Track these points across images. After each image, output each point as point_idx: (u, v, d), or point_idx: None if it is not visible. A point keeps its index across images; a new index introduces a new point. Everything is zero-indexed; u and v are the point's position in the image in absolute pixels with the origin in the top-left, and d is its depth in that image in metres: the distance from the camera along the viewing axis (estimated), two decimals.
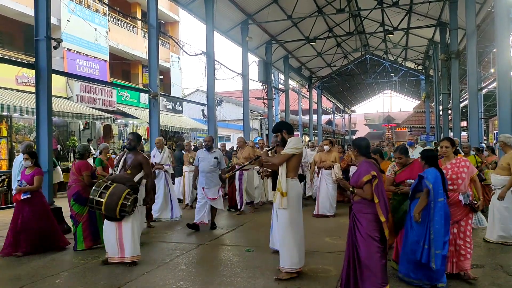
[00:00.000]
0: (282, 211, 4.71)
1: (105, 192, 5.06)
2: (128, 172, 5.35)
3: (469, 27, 11.59)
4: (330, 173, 8.79)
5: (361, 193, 4.02)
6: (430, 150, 4.61)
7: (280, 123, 5.11)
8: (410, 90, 38.98)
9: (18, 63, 10.77)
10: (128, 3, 20.77)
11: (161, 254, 5.92)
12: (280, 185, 4.65)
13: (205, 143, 7.57)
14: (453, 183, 4.54)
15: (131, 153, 5.47)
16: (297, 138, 4.85)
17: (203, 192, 7.34)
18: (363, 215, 4.02)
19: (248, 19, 15.94)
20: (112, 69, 18.78)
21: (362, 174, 4.00)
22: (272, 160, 4.80)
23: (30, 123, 13.70)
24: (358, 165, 4.17)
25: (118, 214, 5.03)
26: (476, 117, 11.71)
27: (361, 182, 3.99)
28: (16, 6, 13.76)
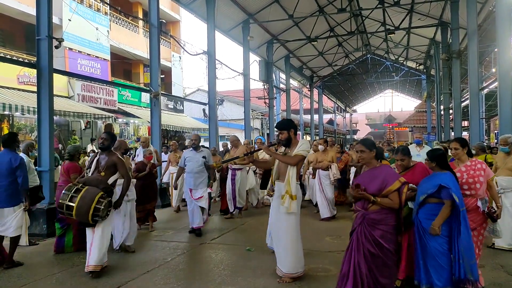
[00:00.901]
0: (289, 215, 4.52)
1: (76, 195, 4.65)
2: (102, 174, 4.97)
3: (470, 26, 11.58)
4: (327, 174, 8.38)
5: (386, 203, 3.57)
6: (439, 149, 4.18)
7: (289, 121, 4.87)
8: (411, 89, 38.95)
9: (20, 63, 10.82)
10: (130, 3, 20.79)
11: (162, 253, 5.94)
12: (289, 188, 4.45)
13: (192, 142, 7.24)
14: (470, 187, 4.10)
15: (105, 154, 5.08)
16: (307, 141, 4.81)
17: (190, 193, 7.04)
18: (382, 227, 3.59)
19: (249, 18, 15.94)
20: (113, 69, 18.80)
21: (388, 181, 3.57)
22: (287, 159, 4.55)
23: (31, 122, 13.72)
24: (376, 170, 3.71)
25: (91, 219, 4.65)
26: (477, 117, 11.71)
27: (388, 191, 3.56)
28: (18, 5, 13.79)
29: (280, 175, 4.68)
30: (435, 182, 3.83)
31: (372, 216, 3.62)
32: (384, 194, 3.57)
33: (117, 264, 5.38)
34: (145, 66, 21.09)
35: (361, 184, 3.67)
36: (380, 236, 3.58)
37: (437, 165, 3.96)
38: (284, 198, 4.44)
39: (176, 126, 19.37)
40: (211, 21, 13.43)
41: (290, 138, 4.66)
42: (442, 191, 3.78)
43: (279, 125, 4.77)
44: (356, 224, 3.74)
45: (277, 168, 4.76)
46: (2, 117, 12.54)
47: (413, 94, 41.34)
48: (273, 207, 4.82)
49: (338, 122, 45.75)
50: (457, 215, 3.73)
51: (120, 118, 17.48)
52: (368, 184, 3.66)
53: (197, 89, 29.87)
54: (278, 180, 4.70)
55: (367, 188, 3.64)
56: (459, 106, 14.06)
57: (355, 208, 3.83)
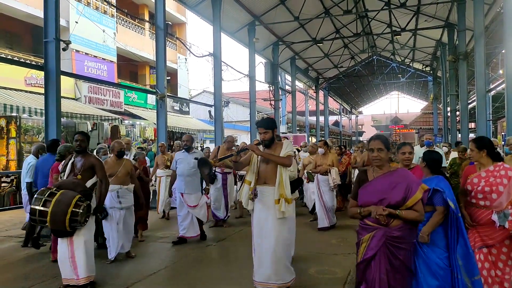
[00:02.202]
0: (284, 220, 4.15)
1: (50, 200, 4.10)
2: (78, 177, 4.52)
3: (477, 28, 11.52)
4: (326, 180, 7.65)
5: (412, 217, 2.88)
6: (436, 152, 3.75)
7: (273, 120, 4.43)
8: (417, 91, 38.78)
9: (27, 65, 10.91)
10: (136, 5, 20.90)
11: (169, 254, 5.94)
12: (284, 191, 4.09)
13: (184, 143, 6.67)
14: (484, 197, 3.56)
15: (80, 156, 4.65)
16: (290, 142, 4.47)
17: (182, 199, 6.49)
18: (406, 246, 2.94)
19: (255, 20, 15.97)
20: (119, 70, 18.89)
21: (412, 188, 2.89)
22: (283, 160, 4.11)
23: (38, 124, 13.82)
24: (393, 175, 3.00)
25: (69, 226, 4.10)
26: (484, 119, 11.66)
27: (412, 200, 2.86)
28: (25, 8, 13.90)
29: (267, 179, 4.20)
30: (429, 186, 3.30)
31: (396, 233, 2.90)
32: (408, 205, 2.89)
33: (124, 264, 5.39)
34: (151, 67, 21.18)
35: (380, 194, 2.95)
36: (404, 257, 2.94)
37: (427, 167, 3.57)
38: (279, 203, 4.07)
39: (182, 128, 19.41)
40: (217, 23, 13.47)
41: (273, 139, 4.27)
42: (435, 195, 3.32)
43: (265, 123, 4.24)
44: (374, 246, 2.94)
45: (263, 171, 4.23)
46: (10, 118, 12.65)
47: (419, 95, 41.16)
48: (260, 217, 4.17)
49: (344, 124, 45.69)
50: (454, 223, 3.28)
51: (126, 120, 17.56)
52: (388, 194, 2.93)
53: (203, 90, 29.94)
54: (266, 185, 4.18)
55: (388, 198, 2.92)
56: (466, 108, 13.98)
57: (366, 225, 3.01)
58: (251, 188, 4.22)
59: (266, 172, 4.22)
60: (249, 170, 4.33)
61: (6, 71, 12.37)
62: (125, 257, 5.74)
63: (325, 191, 7.62)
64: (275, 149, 4.22)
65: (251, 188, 4.22)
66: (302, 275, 4.90)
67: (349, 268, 5.10)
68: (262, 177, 4.23)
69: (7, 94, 12.07)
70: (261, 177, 4.24)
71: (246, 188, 4.28)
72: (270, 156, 4.13)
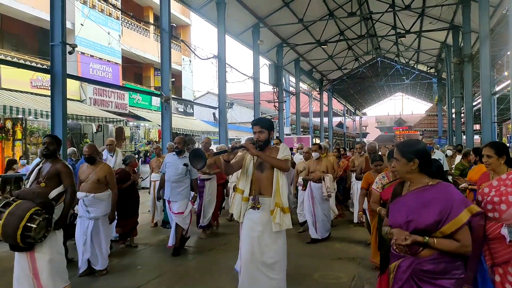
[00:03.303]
0: (280, 233, 3.71)
1: (3, 211, 3.67)
2: (41, 185, 4.04)
3: (482, 30, 11.48)
4: (320, 187, 6.93)
5: (452, 248, 2.25)
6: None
7: (270, 121, 3.99)
8: (422, 92, 38.69)
9: (34, 68, 10.99)
10: (141, 7, 20.99)
11: (170, 259, 5.95)
12: (280, 200, 3.65)
13: (175, 146, 6.20)
14: (493, 208, 3.08)
15: (49, 161, 4.19)
16: (286, 146, 3.96)
17: (168, 206, 6.13)
18: (444, 282, 2.27)
19: (259, 22, 16.00)
20: (124, 72, 18.98)
21: (452, 209, 2.25)
22: (281, 164, 3.66)
23: (44, 126, 13.91)
24: (428, 192, 2.37)
25: (21, 241, 3.62)
26: (490, 121, 11.61)
27: (451, 226, 2.24)
28: (31, 10, 14.00)
29: (262, 189, 3.73)
30: None
31: (427, 266, 2.28)
32: (445, 232, 2.25)
33: (125, 269, 5.41)
34: (156, 69, 21.26)
35: (407, 214, 2.36)
36: None
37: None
38: (274, 213, 3.63)
39: (186, 130, 19.47)
40: (222, 25, 13.51)
41: (269, 141, 3.81)
42: None
43: (261, 122, 3.80)
44: (399, 279, 2.38)
45: (257, 180, 3.76)
46: (16, 120, 12.73)
47: (424, 97, 41.06)
48: (253, 232, 3.71)
49: (348, 125, 45.59)
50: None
51: (131, 122, 17.64)
52: (417, 214, 2.33)
53: (207, 92, 30.05)
54: (261, 195, 3.73)
55: (415, 220, 2.32)
56: (471, 111, 13.93)
57: (394, 250, 2.45)
58: (244, 198, 3.73)
59: (261, 181, 3.74)
60: (240, 177, 3.85)
61: (12, 73, 12.47)
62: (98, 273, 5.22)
63: (318, 200, 6.92)
64: (270, 153, 3.76)
65: (245, 198, 3.73)
66: (306, 280, 4.91)
67: (353, 273, 5.10)
68: (257, 186, 3.75)
69: (13, 96, 12.17)
70: (255, 186, 3.76)
71: (238, 198, 3.79)
72: (267, 157, 3.67)
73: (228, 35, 14.83)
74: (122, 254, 6.25)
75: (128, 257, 6.13)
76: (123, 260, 5.92)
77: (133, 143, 18.75)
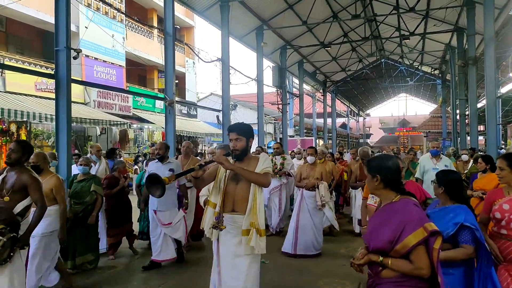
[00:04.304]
0: (254, 257, 3.30)
1: None
2: (5, 199, 3.53)
3: (487, 33, 11.40)
4: (313, 196, 6.28)
5: (406, 270, 2.12)
6: (453, 172, 3.03)
7: (249, 126, 3.46)
8: (426, 94, 38.57)
9: (38, 73, 11.03)
10: (145, 9, 21.04)
11: (175, 265, 5.93)
12: (256, 219, 3.21)
13: (156, 152, 5.84)
14: (508, 226, 2.90)
15: (14, 171, 3.66)
16: (268, 156, 3.60)
17: (155, 217, 5.66)
18: None
19: (263, 24, 15.99)
20: (128, 74, 19.02)
21: (405, 227, 2.11)
22: (259, 178, 3.23)
23: (48, 128, 13.96)
24: (390, 209, 2.27)
25: None
26: (494, 123, 11.57)
27: (403, 246, 2.10)
28: (35, 13, 14.05)
29: (237, 204, 3.30)
30: (452, 219, 2.67)
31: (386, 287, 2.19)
32: (401, 252, 2.12)
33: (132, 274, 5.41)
34: (160, 71, 21.29)
35: (369, 233, 2.31)
36: None
37: (446, 193, 2.83)
38: (250, 235, 3.19)
39: (189, 132, 19.49)
40: (225, 28, 13.51)
41: (247, 150, 3.38)
42: (461, 232, 2.65)
43: (238, 128, 3.34)
44: None
45: (231, 193, 3.32)
46: (20, 124, 12.77)
47: (428, 98, 40.93)
48: (225, 254, 3.32)
49: (351, 126, 45.53)
50: (484, 267, 2.63)
51: (134, 124, 17.67)
52: (375, 233, 2.25)
53: (210, 93, 30.09)
54: (235, 213, 3.30)
55: (373, 240, 2.25)
56: (476, 113, 13.87)
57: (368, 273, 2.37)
58: (216, 213, 3.30)
59: (236, 195, 3.30)
60: (213, 189, 3.42)
61: (17, 76, 12.51)
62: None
63: (310, 211, 6.26)
64: (248, 164, 3.33)
65: (216, 213, 3.30)
66: (311, 287, 4.90)
67: (358, 280, 5.08)
68: (230, 201, 3.31)
69: (17, 100, 12.21)
70: (228, 201, 3.31)
71: (209, 212, 3.37)
72: (243, 171, 3.20)
73: (231, 37, 14.83)
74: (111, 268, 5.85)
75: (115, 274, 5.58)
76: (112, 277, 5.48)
77: (136, 146, 18.79)
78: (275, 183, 7.65)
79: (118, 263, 6.04)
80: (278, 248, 6.47)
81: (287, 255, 6.20)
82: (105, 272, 5.67)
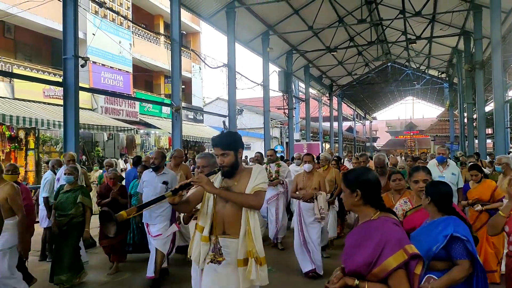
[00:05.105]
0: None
1: None
2: None
3: (494, 37, 11.35)
4: (311, 209, 5.60)
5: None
6: (443, 184, 2.81)
7: (235, 136, 2.97)
8: (433, 97, 38.37)
9: (46, 81, 11.17)
10: (151, 15, 21.18)
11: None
12: (254, 247, 2.75)
13: (151, 161, 5.44)
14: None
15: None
16: (263, 167, 3.14)
17: (147, 230, 5.35)
18: None
19: (269, 30, 16.05)
20: (135, 80, 19.14)
21: (384, 249, 1.93)
22: (247, 200, 2.77)
23: (56, 134, 14.07)
24: (369, 227, 2.08)
25: None
26: (503, 126, 11.49)
27: (381, 270, 1.92)
28: (44, 21, 14.19)
29: (227, 226, 2.82)
30: (441, 231, 2.52)
31: None
32: (377, 274, 1.94)
33: None
34: (166, 77, 21.38)
35: (345, 254, 2.13)
36: None
37: (434, 205, 2.67)
38: (249, 267, 2.74)
39: (196, 137, 19.53)
40: (231, 34, 13.58)
41: (237, 164, 2.87)
42: (453, 245, 2.48)
43: (222, 142, 2.84)
44: None
45: (220, 214, 2.84)
46: (28, 130, 12.89)
47: (435, 101, 40.72)
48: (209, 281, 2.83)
49: (358, 130, 45.41)
50: (481, 283, 2.49)
51: (141, 129, 17.76)
52: (351, 254, 2.07)
53: (217, 98, 30.16)
54: (226, 235, 2.82)
55: (349, 261, 2.06)
56: (483, 117, 13.78)
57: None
58: (203, 237, 2.83)
59: (225, 216, 2.82)
60: (200, 210, 2.93)
61: (25, 84, 12.61)
62: None
63: (310, 223, 5.66)
64: (239, 179, 2.87)
65: (204, 238, 2.82)
66: None
67: None
68: (220, 222, 2.83)
69: (26, 107, 12.33)
70: (218, 223, 2.83)
71: (197, 237, 2.88)
72: (229, 195, 2.78)
73: (237, 42, 14.90)
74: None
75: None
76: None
77: (143, 151, 18.87)
78: (272, 192, 7.28)
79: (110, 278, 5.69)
80: (278, 260, 6.33)
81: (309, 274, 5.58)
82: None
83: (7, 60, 13.06)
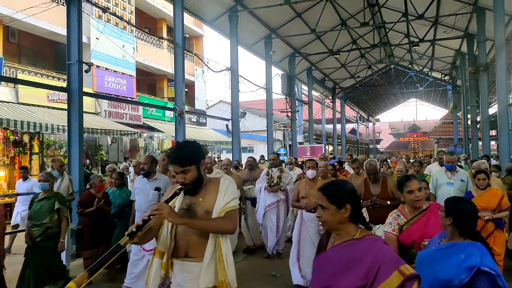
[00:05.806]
0: None
1: None
2: None
3: (498, 40, 11.31)
4: (314, 219, 5.07)
5: None
6: (467, 202, 2.46)
7: (194, 147, 2.53)
8: (436, 99, 38.30)
9: (50, 87, 11.23)
10: (154, 19, 21.24)
11: None
12: (227, 277, 2.36)
13: (141, 166, 5.15)
14: None
15: None
16: (231, 179, 2.62)
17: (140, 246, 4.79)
18: None
19: (271, 33, 16.07)
20: (138, 83, 19.19)
21: (378, 272, 1.77)
22: (217, 226, 2.37)
23: (60, 139, 14.12)
24: (354, 247, 1.88)
25: None
26: (507, 130, 11.45)
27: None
28: (48, 26, 14.26)
29: (191, 247, 2.41)
30: (464, 261, 2.20)
31: None
32: None
33: None
34: (169, 80, 21.44)
35: (328, 276, 1.90)
36: None
37: (455, 226, 2.31)
38: None
39: (199, 140, 19.55)
40: (234, 37, 13.60)
41: (200, 179, 2.47)
42: (478, 280, 2.15)
43: (179, 159, 2.41)
44: None
45: (182, 234, 2.43)
46: (33, 134, 12.95)
47: (438, 103, 40.64)
48: None
49: (361, 132, 45.31)
50: None
51: (145, 133, 17.80)
52: (337, 278, 1.86)
53: (220, 101, 30.18)
54: (189, 258, 2.40)
55: (336, 285, 1.85)
56: (487, 120, 13.74)
57: None
58: (164, 264, 2.41)
59: (189, 236, 2.41)
60: (159, 233, 2.48)
61: (29, 88, 12.68)
62: None
63: (312, 235, 5.18)
64: (204, 194, 2.48)
65: (164, 265, 2.40)
66: None
67: None
68: (183, 244, 2.42)
69: (30, 111, 12.38)
70: (180, 244, 2.43)
71: (156, 263, 2.44)
72: (197, 224, 2.37)
73: (240, 46, 14.92)
74: None
75: None
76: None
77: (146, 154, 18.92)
78: (272, 198, 6.86)
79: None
80: (279, 266, 6.30)
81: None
82: None
83: (12, 64, 13.12)
